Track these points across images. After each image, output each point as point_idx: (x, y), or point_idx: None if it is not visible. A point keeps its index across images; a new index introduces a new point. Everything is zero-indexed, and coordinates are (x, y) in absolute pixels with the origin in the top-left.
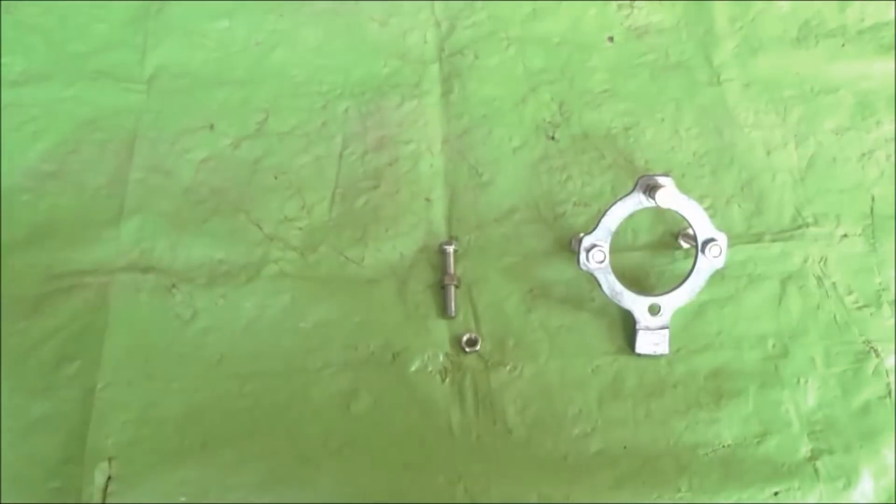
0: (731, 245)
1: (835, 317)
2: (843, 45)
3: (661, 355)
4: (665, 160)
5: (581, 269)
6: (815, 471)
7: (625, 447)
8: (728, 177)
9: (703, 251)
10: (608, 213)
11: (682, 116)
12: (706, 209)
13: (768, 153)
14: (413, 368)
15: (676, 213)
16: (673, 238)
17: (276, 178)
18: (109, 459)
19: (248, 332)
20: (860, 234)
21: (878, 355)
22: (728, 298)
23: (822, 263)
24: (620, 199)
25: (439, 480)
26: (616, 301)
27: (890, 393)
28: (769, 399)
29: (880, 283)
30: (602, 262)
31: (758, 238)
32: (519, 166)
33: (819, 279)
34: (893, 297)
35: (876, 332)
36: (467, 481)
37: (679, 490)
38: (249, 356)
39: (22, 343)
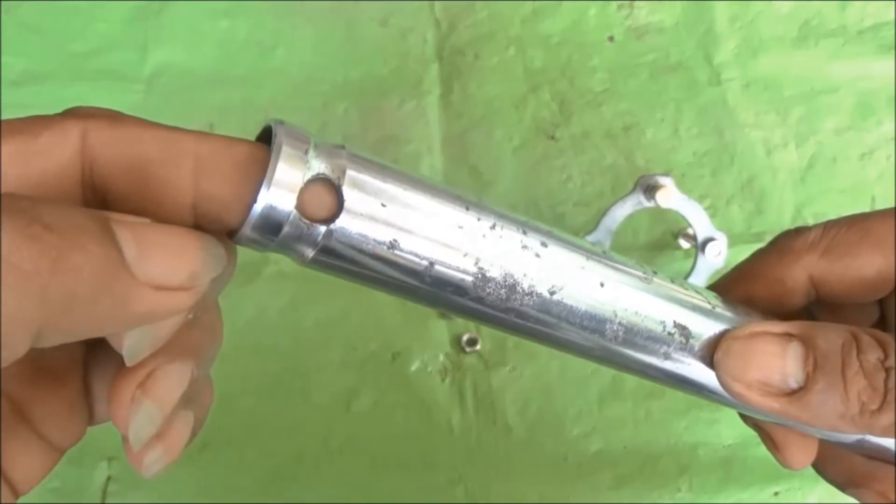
0: (731, 245)
1: None
2: (843, 45)
3: None
4: (665, 160)
5: None
6: None
7: (625, 447)
8: (728, 177)
9: (703, 251)
10: (608, 213)
11: (682, 116)
12: (706, 209)
13: (768, 153)
14: (413, 368)
15: (676, 213)
16: (673, 238)
17: None
18: (109, 459)
19: (248, 331)
20: None
21: None
22: None
23: None
24: (620, 199)
25: (439, 480)
26: None
27: None
28: None
29: None
30: None
31: (758, 238)
32: (519, 166)
33: None
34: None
35: None
36: (467, 481)
37: (679, 490)
38: (249, 356)
39: None
